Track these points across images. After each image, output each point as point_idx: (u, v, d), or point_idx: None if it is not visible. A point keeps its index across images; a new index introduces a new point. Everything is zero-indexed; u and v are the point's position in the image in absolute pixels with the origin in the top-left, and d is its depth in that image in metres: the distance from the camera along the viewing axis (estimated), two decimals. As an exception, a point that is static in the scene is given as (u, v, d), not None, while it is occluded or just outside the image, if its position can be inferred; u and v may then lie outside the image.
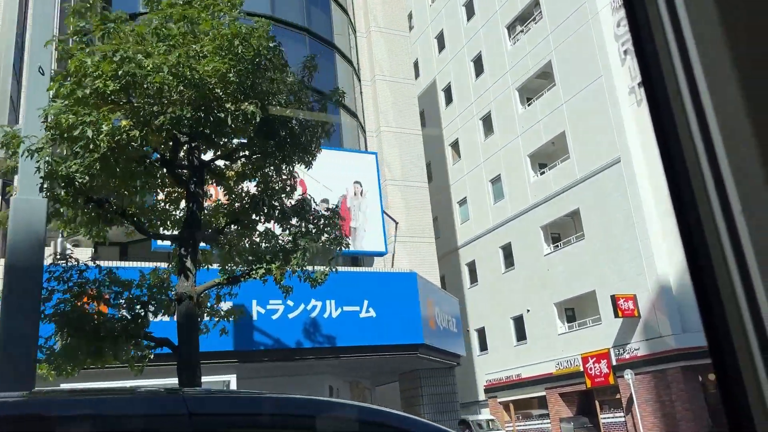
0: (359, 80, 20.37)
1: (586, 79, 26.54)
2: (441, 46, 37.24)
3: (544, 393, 27.57)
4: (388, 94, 20.55)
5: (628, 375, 22.49)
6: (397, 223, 18.99)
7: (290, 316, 12.89)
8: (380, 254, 17.26)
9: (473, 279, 32.99)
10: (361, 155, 18.22)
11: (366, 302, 13.70)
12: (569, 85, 27.51)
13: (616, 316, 23.28)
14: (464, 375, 32.24)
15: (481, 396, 31.90)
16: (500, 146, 31.46)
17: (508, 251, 30.70)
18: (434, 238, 20.14)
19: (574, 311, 27.68)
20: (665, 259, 23.25)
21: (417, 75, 39.37)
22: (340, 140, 17.79)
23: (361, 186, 17.28)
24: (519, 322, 29.63)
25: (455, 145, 35.26)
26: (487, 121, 32.91)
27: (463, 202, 34.21)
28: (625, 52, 25.52)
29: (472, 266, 33.21)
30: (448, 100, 36.18)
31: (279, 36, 8.20)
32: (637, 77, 24.67)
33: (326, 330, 13.17)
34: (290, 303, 12.59)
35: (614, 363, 23.99)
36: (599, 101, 25.87)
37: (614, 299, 23.23)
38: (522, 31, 31.15)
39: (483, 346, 32.01)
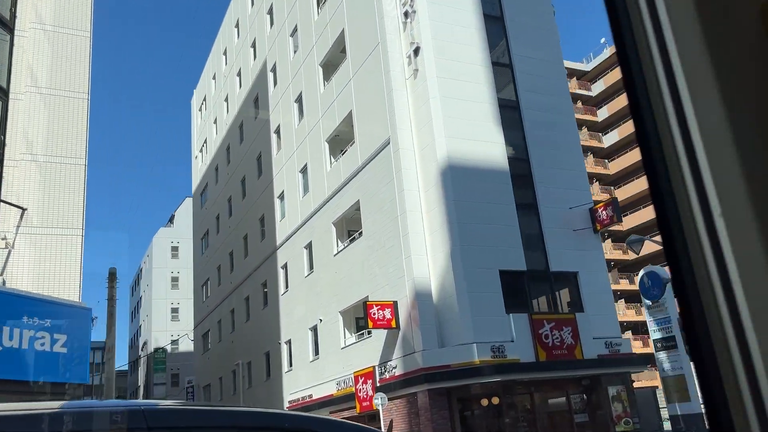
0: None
1: (367, 48, 22.63)
2: (271, 21, 33.23)
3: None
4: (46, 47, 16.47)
5: (378, 399, 18.49)
6: (24, 210, 14.93)
7: None
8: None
9: (286, 284, 28.93)
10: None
11: None
12: (356, 56, 23.58)
13: (367, 327, 19.31)
14: (271, 395, 28.13)
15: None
16: (307, 131, 27.45)
17: (310, 251, 26.69)
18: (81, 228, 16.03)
19: (361, 321, 23.71)
20: (428, 260, 19.33)
21: (255, 57, 35.31)
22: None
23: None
24: (315, 333, 25.61)
25: (278, 132, 31.22)
26: (299, 102, 28.91)
27: (281, 196, 30.17)
28: (405, 14, 21.60)
29: (285, 269, 29.16)
30: (275, 81, 32.15)
31: None
32: (413, 45, 20.78)
33: None
34: None
35: (378, 384, 20.00)
36: (376, 74, 21.95)
37: (365, 307, 19.25)
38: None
39: (291, 362, 27.93)
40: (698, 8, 0.71)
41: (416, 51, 20.60)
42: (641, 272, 18.66)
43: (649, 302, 17.87)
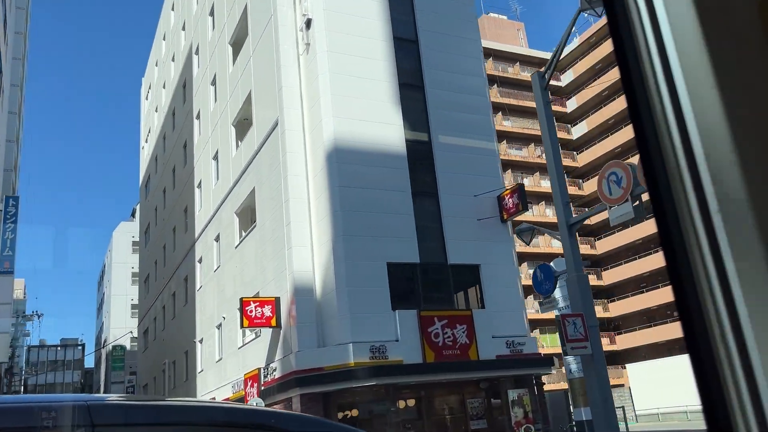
0: None
1: (263, 23, 20.87)
2: (197, 1, 31.40)
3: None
4: None
5: (254, 403, 16.81)
6: None
7: None
8: None
9: (201, 279, 27.21)
10: None
11: None
12: (255, 32, 21.81)
13: (242, 326, 17.61)
14: (189, 397, 26.45)
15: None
16: (218, 115, 25.70)
17: (219, 244, 24.96)
18: None
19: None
20: (313, 252, 17.62)
21: (184, 40, 33.55)
22: None
23: None
24: (221, 332, 23.91)
25: (198, 117, 29.45)
26: (214, 85, 27.13)
27: (200, 185, 28.41)
28: (300, -17, 19.81)
29: (201, 263, 27.43)
30: (198, 64, 30.35)
31: None
32: (305, 17, 19.02)
33: None
34: None
35: (261, 388, 18.31)
36: (270, 51, 20.18)
37: (241, 304, 17.54)
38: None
39: (201, 362, 26.23)
40: (696, 4, 0.70)
41: (308, 23, 18.85)
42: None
43: (540, 297, 16.22)
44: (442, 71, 19.72)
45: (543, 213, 54.33)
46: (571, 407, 19.47)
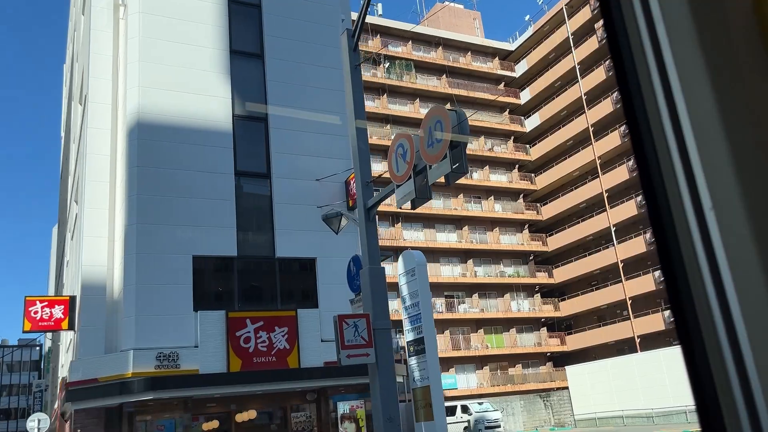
0: None
1: (89, -17, 18.42)
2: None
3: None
4: None
5: (35, 421, 14.39)
6: None
7: None
8: None
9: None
10: None
11: None
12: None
13: (24, 330, 15.18)
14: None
15: None
16: (75, 94, 23.25)
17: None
18: None
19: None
20: (113, 244, 15.20)
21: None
22: None
23: None
24: (65, 334, 21.48)
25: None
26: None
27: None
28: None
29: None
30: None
31: None
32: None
33: None
34: None
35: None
36: (88, 13, 17.74)
37: (25, 304, 15.11)
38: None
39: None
40: (691, 3, 0.71)
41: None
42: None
43: (353, 294, 13.89)
44: (288, 39, 17.34)
45: (492, 208, 52.14)
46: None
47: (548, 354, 50.45)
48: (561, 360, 49.76)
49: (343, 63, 12.26)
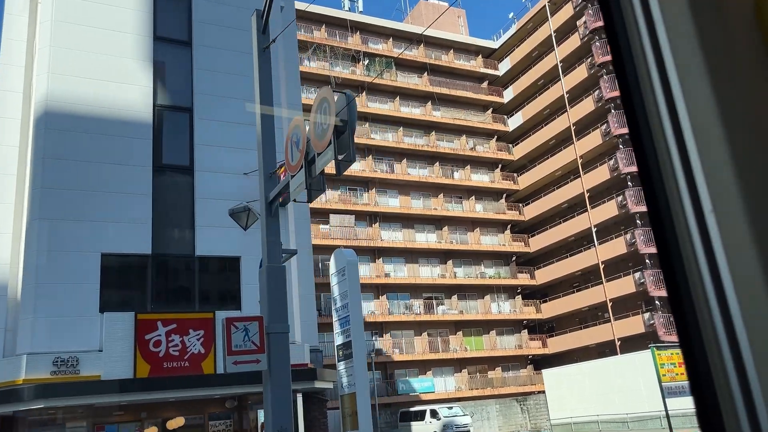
0: None
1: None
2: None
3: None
4: None
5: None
6: None
7: None
8: None
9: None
10: None
11: None
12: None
13: None
14: None
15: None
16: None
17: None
18: None
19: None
20: (21, 241, 14.27)
21: None
22: None
23: None
24: None
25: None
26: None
27: None
28: None
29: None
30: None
31: None
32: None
33: None
34: None
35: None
36: (9, -3, 16.82)
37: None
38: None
39: None
40: (691, 4, 0.71)
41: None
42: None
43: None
44: (220, 27, 16.43)
45: (473, 208, 51.21)
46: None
47: (529, 357, 49.53)
48: (542, 363, 48.80)
49: (253, 46, 11.34)
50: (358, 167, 48.06)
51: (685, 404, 23.39)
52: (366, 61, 50.56)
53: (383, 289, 45.81)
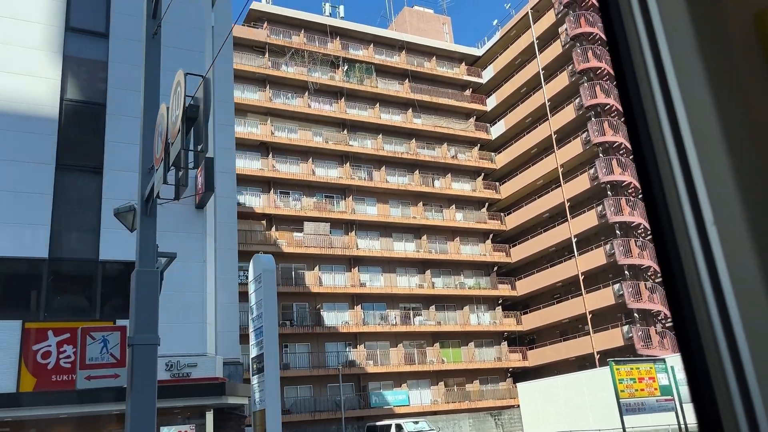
0: None
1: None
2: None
3: None
4: None
5: None
6: None
7: None
8: None
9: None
10: None
11: None
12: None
13: None
14: None
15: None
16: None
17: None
18: None
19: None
20: None
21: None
22: None
23: None
24: None
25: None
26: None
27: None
28: None
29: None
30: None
31: None
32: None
33: None
34: None
35: None
36: None
37: None
38: None
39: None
40: (692, 15, 0.72)
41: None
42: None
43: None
44: (140, 17, 15.50)
45: (453, 217, 50.22)
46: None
47: (509, 370, 48.35)
48: (522, 376, 47.60)
49: (142, 31, 10.40)
50: (336, 174, 47.14)
51: (644, 422, 22.33)
52: (345, 67, 49.78)
53: (358, 299, 44.75)
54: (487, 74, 55.52)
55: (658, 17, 0.72)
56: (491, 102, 54.63)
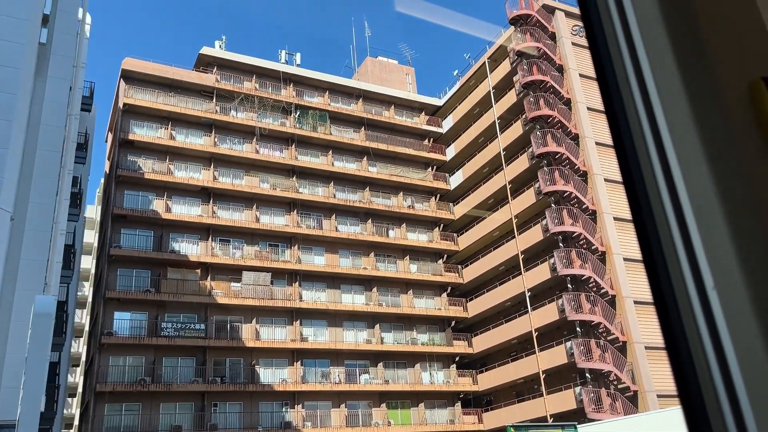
0: None
1: None
2: None
3: None
4: None
5: None
6: None
7: None
8: None
9: None
10: None
11: None
12: None
13: None
14: None
15: None
16: None
17: None
18: None
19: None
20: None
21: None
22: None
23: None
24: None
25: None
26: None
27: None
28: None
29: None
30: None
31: None
32: None
33: None
34: None
35: None
36: None
37: None
38: None
39: None
40: (687, 86, 0.74)
41: None
42: None
43: None
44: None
45: (407, 269, 48.01)
46: None
47: (462, 434, 45.10)
48: (478, 442, 44.40)
49: None
50: (282, 222, 45.23)
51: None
52: (297, 113, 48.63)
53: (299, 355, 42.06)
54: (447, 124, 54.53)
55: (654, 89, 0.72)
56: (450, 152, 53.40)
